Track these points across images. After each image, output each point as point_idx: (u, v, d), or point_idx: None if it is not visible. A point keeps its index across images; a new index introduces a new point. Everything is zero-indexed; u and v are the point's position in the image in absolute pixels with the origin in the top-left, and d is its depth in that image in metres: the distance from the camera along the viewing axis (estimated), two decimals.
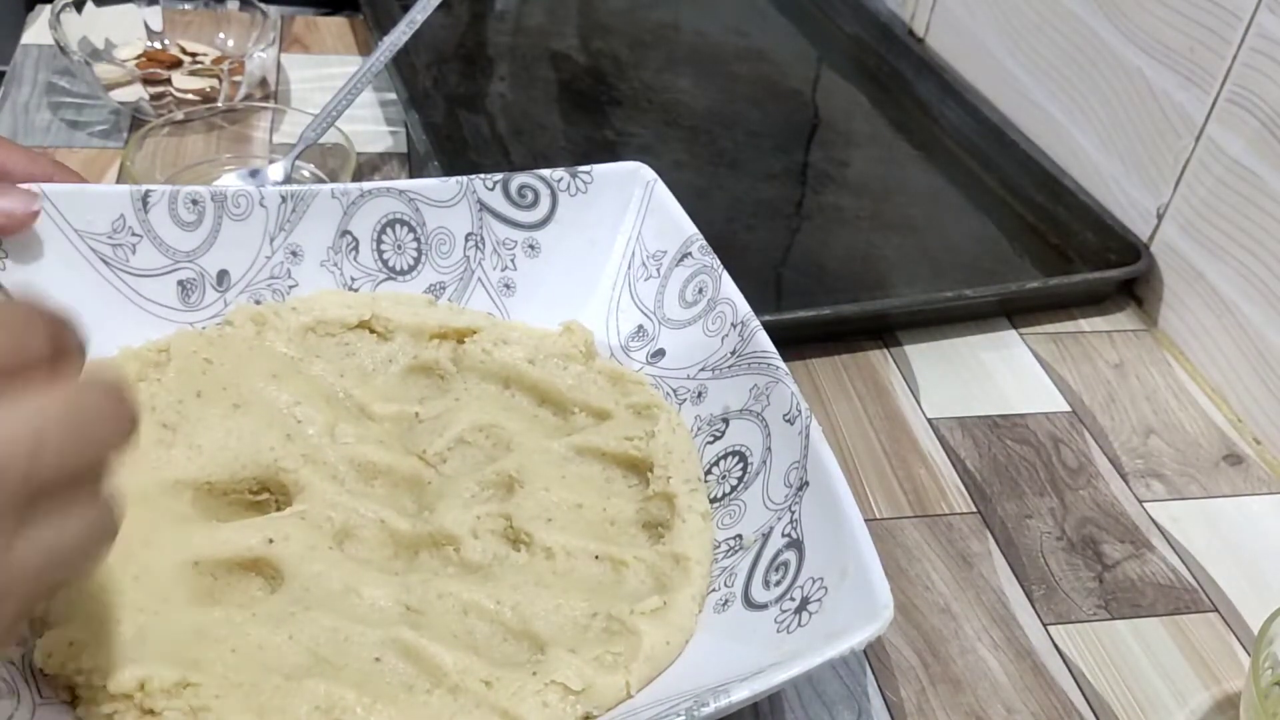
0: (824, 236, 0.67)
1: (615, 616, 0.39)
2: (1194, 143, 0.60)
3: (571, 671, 0.37)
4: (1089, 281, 0.63)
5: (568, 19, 0.86)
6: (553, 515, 0.42)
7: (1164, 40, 0.61)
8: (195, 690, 0.35)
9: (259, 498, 0.43)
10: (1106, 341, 0.62)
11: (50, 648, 0.35)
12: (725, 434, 0.45)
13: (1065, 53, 0.70)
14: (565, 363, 0.49)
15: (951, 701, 0.43)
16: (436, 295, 0.51)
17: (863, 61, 0.86)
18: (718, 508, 0.44)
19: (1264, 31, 0.55)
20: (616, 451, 0.45)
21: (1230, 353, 0.58)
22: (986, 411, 0.56)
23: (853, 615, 0.35)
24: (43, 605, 0.37)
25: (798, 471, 0.41)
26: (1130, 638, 0.46)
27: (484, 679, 0.36)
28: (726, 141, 0.74)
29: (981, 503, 0.51)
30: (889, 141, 0.77)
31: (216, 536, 0.40)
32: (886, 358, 0.59)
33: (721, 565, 0.42)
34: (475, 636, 0.39)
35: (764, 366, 0.45)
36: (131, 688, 0.34)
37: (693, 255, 0.50)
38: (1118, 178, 0.66)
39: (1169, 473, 0.54)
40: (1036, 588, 0.47)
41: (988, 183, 0.73)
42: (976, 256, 0.67)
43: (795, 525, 0.40)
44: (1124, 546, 0.50)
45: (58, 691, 0.35)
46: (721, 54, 0.84)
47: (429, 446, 0.45)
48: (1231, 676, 0.45)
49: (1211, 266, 0.59)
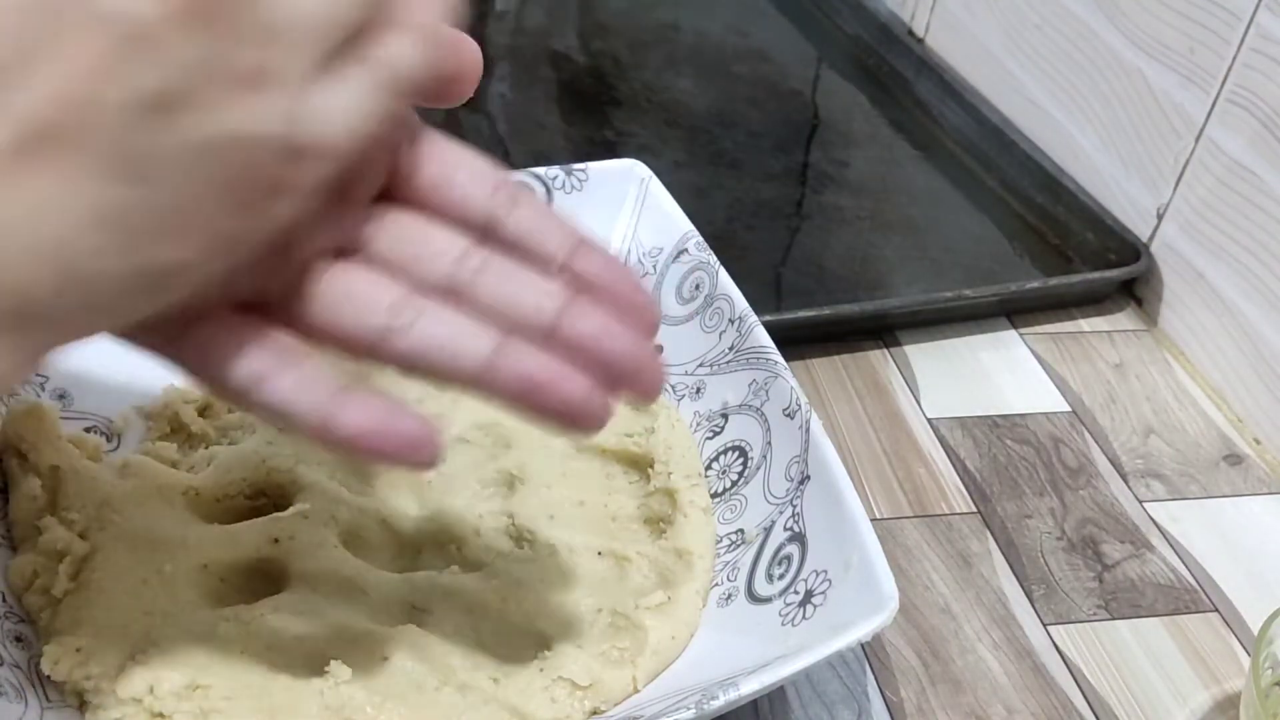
0: (824, 236, 0.67)
1: (620, 612, 0.39)
2: (1194, 143, 0.60)
3: (578, 667, 0.37)
4: (1089, 281, 0.63)
5: (568, 19, 0.86)
6: (554, 512, 0.42)
7: (1164, 40, 0.61)
8: (205, 692, 0.35)
9: (256, 503, 0.43)
10: (1106, 341, 0.62)
11: (58, 655, 0.35)
12: (725, 429, 0.45)
13: (1065, 53, 0.70)
14: None
15: (951, 701, 0.43)
16: None
17: (863, 61, 0.86)
18: (719, 503, 0.44)
19: (1264, 31, 0.55)
20: (616, 448, 0.45)
21: (1230, 353, 0.58)
22: (986, 411, 0.56)
23: (857, 607, 0.35)
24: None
25: (798, 465, 0.41)
26: (1130, 638, 0.46)
27: (491, 676, 0.36)
28: (726, 141, 0.74)
29: (981, 503, 0.51)
30: (889, 141, 0.77)
31: (223, 538, 0.40)
32: (886, 358, 0.59)
33: (724, 560, 0.42)
34: (481, 634, 0.39)
35: (762, 361, 0.45)
36: (141, 691, 0.34)
37: (689, 251, 0.50)
38: (1118, 178, 0.66)
39: (1169, 473, 0.54)
40: (1036, 588, 0.47)
41: (988, 183, 0.73)
42: (976, 256, 0.67)
43: (797, 519, 0.40)
44: (1124, 546, 0.50)
45: (66, 696, 0.35)
46: (721, 54, 0.84)
47: None
48: (1231, 676, 0.45)
49: (1211, 266, 0.59)
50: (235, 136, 0.24)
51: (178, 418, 0.45)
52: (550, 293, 0.29)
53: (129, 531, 0.39)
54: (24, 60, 0.22)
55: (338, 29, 0.25)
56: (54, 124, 0.22)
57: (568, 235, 0.30)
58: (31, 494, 0.39)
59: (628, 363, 0.29)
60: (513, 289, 0.29)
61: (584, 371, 0.28)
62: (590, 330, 0.29)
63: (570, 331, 0.29)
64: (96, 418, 0.44)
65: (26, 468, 0.40)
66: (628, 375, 0.29)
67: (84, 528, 0.39)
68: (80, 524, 0.39)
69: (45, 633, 0.36)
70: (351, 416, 0.28)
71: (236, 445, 0.44)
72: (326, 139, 0.25)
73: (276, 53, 0.24)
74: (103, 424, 0.44)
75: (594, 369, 0.28)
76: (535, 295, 0.29)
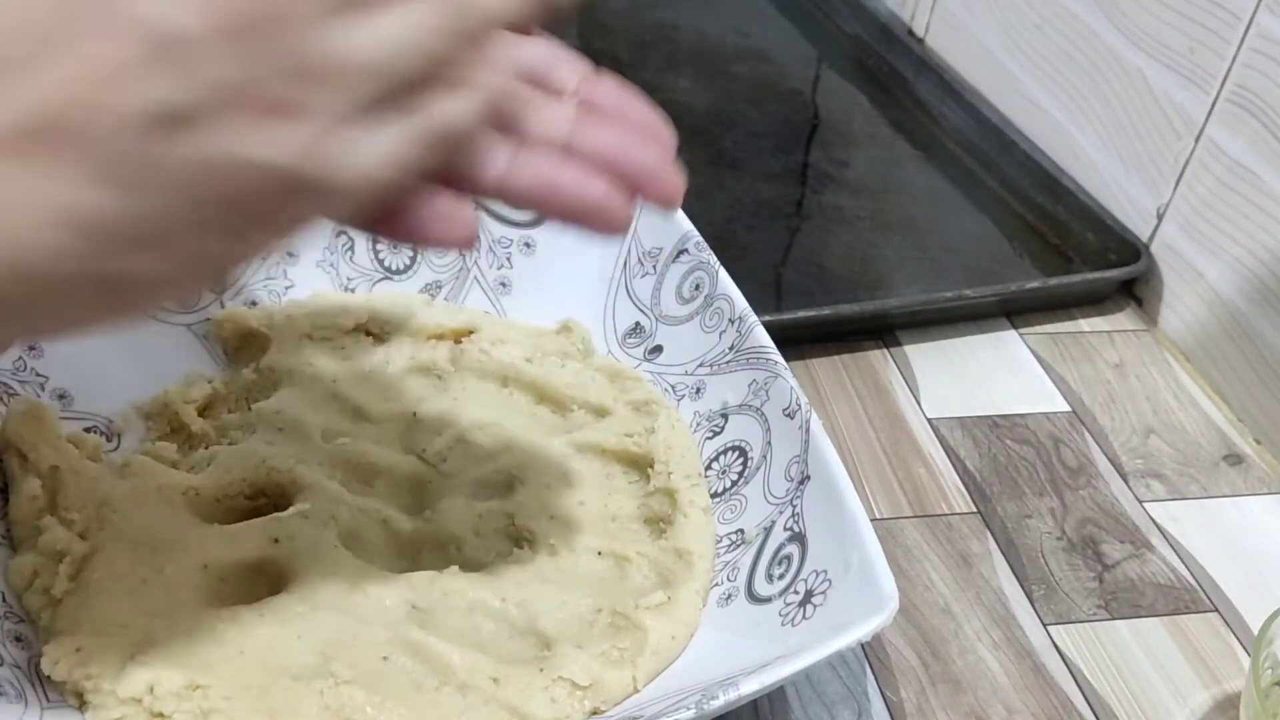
0: (824, 236, 0.67)
1: (620, 612, 0.39)
2: (1194, 143, 0.60)
3: (578, 667, 0.37)
4: (1089, 281, 0.63)
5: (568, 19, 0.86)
6: (554, 512, 0.42)
7: (1164, 40, 0.61)
8: (205, 692, 0.35)
9: (256, 503, 0.43)
10: (1106, 341, 0.62)
11: (58, 655, 0.35)
12: (725, 429, 0.45)
13: (1065, 53, 0.70)
14: (563, 360, 0.49)
15: (951, 701, 0.43)
16: (433, 294, 0.51)
17: (863, 61, 0.86)
18: (719, 503, 0.44)
19: (1264, 31, 0.55)
20: (616, 448, 0.45)
21: (1230, 353, 0.58)
22: (986, 411, 0.56)
23: (857, 607, 0.35)
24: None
25: (798, 465, 0.41)
26: (1130, 638, 0.46)
27: (492, 676, 0.36)
28: (726, 141, 0.74)
29: (981, 503, 0.51)
30: (889, 141, 0.77)
31: (223, 538, 0.40)
32: (886, 358, 0.59)
33: (724, 560, 0.42)
34: (481, 634, 0.39)
35: (762, 361, 0.45)
36: (140, 691, 0.34)
37: (689, 251, 0.50)
38: (1118, 178, 0.66)
39: (1169, 473, 0.54)
40: (1036, 588, 0.47)
41: (988, 183, 0.73)
42: (976, 256, 0.67)
43: (797, 519, 0.40)
44: (1124, 546, 0.50)
45: (66, 696, 0.35)
46: (721, 54, 0.84)
47: (428, 446, 0.45)
48: (1231, 676, 0.45)
49: (1211, 266, 0.59)
50: (242, 163, 0.23)
51: (178, 418, 0.45)
52: (564, 111, 0.30)
53: (129, 531, 0.39)
54: (45, 52, 0.22)
55: (390, 80, 0.24)
56: (55, 120, 0.22)
57: (577, 68, 0.31)
58: (31, 494, 0.39)
59: (642, 168, 0.29)
60: (528, 110, 0.29)
61: (601, 177, 0.29)
62: (603, 140, 0.29)
63: (585, 142, 0.29)
64: (96, 418, 0.44)
65: (26, 468, 0.40)
66: (644, 179, 0.29)
67: (84, 528, 0.39)
68: (80, 524, 0.39)
69: (45, 633, 0.36)
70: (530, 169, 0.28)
71: (236, 445, 0.44)
72: (337, 181, 0.24)
73: (315, 90, 0.23)
74: (103, 424, 0.44)
75: (611, 176, 0.29)
76: (549, 114, 0.29)
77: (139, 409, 0.45)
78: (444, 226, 0.28)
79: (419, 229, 0.28)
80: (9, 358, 0.41)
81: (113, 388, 0.45)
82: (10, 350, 0.28)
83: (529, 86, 0.30)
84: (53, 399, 0.43)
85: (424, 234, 0.28)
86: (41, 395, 0.43)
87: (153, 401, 0.45)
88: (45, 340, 0.25)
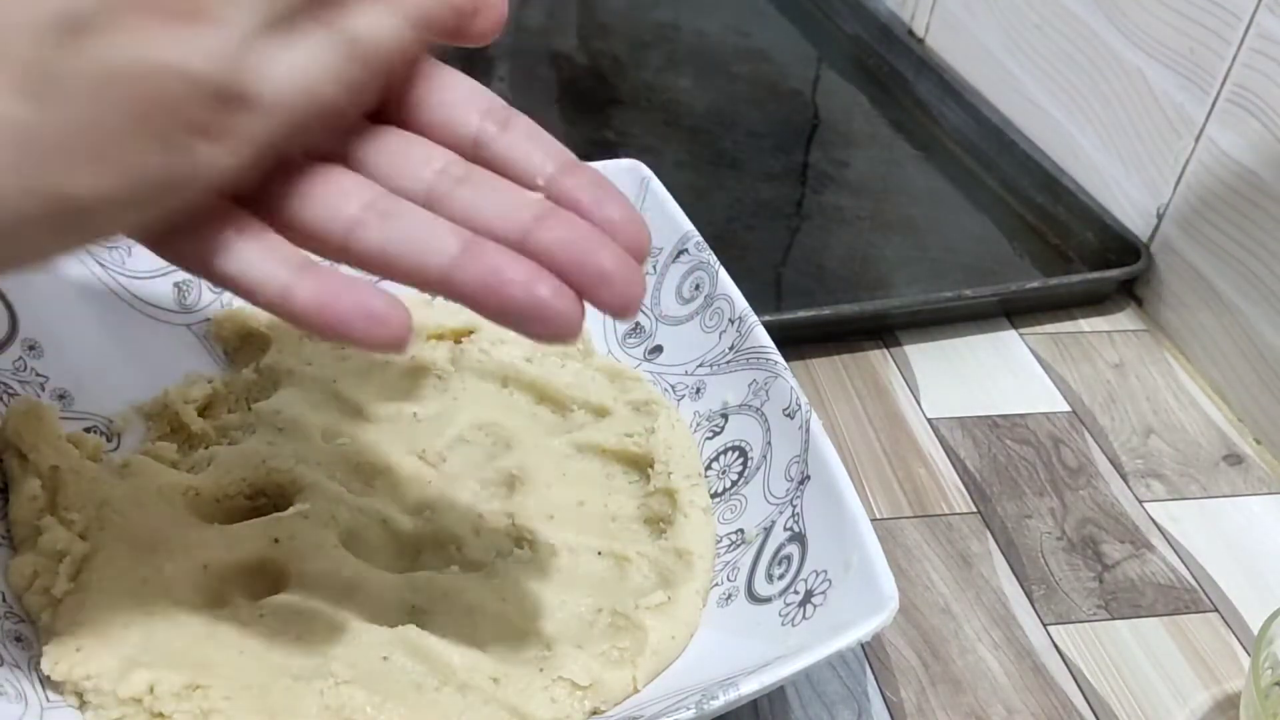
0: (824, 236, 0.67)
1: (620, 612, 0.39)
2: (1194, 143, 0.60)
3: (578, 667, 0.37)
4: (1089, 281, 0.63)
5: (568, 19, 0.86)
6: (554, 512, 0.42)
7: (1164, 40, 0.61)
8: (205, 692, 0.35)
9: (256, 503, 0.43)
10: (1106, 341, 0.62)
11: (58, 655, 0.35)
12: (725, 429, 0.45)
13: (1065, 53, 0.70)
14: (563, 360, 0.49)
15: (951, 701, 0.43)
16: (432, 294, 0.51)
17: (863, 61, 0.86)
18: (718, 503, 0.44)
19: (1264, 31, 0.55)
20: (616, 448, 0.45)
21: (1230, 353, 0.58)
22: (986, 411, 0.56)
23: (858, 607, 0.35)
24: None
25: (798, 465, 0.41)
26: (1130, 638, 0.46)
27: (492, 676, 0.36)
28: (726, 141, 0.74)
29: (981, 503, 0.51)
30: (889, 141, 0.77)
31: (223, 538, 0.40)
32: (886, 358, 0.59)
33: (724, 560, 0.42)
34: (481, 634, 0.38)
35: (762, 361, 0.45)
36: (140, 691, 0.34)
37: (689, 251, 0.50)
38: (1118, 178, 0.66)
39: (1169, 473, 0.54)
40: (1036, 588, 0.47)
41: (988, 183, 0.73)
42: (976, 256, 0.67)
43: (797, 519, 0.40)
44: (1124, 546, 0.50)
45: (66, 696, 0.35)
46: (721, 54, 0.84)
47: (428, 446, 0.45)
48: (1231, 676, 0.45)
49: (1211, 266, 0.59)
50: (153, 66, 0.23)
51: (178, 418, 0.45)
52: (528, 203, 0.28)
53: (129, 531, 0.39)
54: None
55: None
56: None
57: (556, 155, 0.30)
58: (31, 494, 0.39)
59: (597, 271, 0.27)
60: (491, 199, 0.28)
61: (555, 275, 0.27)
62: (562, 236, 0.27)
63: (542, 237, 0.27)
64: (96, 418, 0.44)
65: (26, 468, 0.40)
66: (599, 283, 0.27)
67: (84, 528, 0.39)
68: (80, 524, 0.39)
69: (45, 633, 0.36)
70: (309, 287, 0.27)
71: (236, 445, 0.44)
72: (267, 93, 0.25)
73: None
74: (103, 424, 0.44)
75: (566, 275, 0.27)
76: (512, 204, 0.28)
77: (139, 409, 0.45)
78: (373, 327, 0.27)
79: (344, 325, 0.27)
80: (9, 357, 0.41)
81: (113, 388, 0.45)
82: (10, 349, 0.27)
83: (505, 173, 0.29)
84: (53, 399, 0.43)
85: (349, 331, 0.27)
86: (41, 395, 0.43)
87: (153, 401, 0.45)
88: (12, 274, 0.25)
